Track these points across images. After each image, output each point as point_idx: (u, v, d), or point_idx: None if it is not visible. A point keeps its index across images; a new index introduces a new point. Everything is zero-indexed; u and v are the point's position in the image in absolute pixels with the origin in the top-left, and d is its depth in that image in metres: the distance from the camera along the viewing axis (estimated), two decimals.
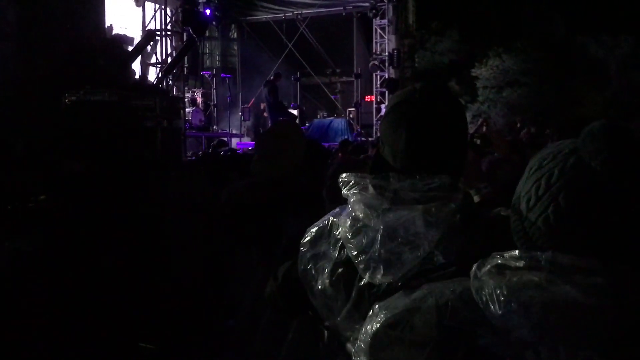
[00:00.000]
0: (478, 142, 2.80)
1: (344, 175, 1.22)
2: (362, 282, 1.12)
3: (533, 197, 0.96)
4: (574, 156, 0.94)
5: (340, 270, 1.18)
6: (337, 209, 1.29)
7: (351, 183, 1.20)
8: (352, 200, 1.18)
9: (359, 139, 13.31)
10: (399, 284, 1.05)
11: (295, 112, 15.39)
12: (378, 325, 0.96)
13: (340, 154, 6.45)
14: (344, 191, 1.20)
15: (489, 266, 0.92)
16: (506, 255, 0.92)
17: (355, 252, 1.12)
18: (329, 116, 16.21)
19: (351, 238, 1.14)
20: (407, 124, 1.18)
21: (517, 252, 0.92)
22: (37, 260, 2.71)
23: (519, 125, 9.68)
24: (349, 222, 1.16)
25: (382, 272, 1.06)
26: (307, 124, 15.37)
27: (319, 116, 16.35)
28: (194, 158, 9.49)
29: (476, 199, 1.21)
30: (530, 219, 0.96)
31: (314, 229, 1.31)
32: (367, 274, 1.09)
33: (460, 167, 1.25)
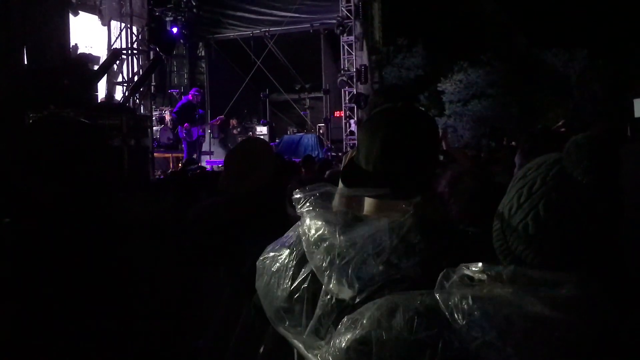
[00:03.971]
0: (441, 157, 2.82)
1: (296, 191, 1.22)
2: (327, 297, 1.11)
3: (515, 205, 0.97)
4: (557, 166, 0.96)
5: (304, 286, 1.17)
6: (299, 224, 1.28)
7: (302, 200, 1.20)
8: (309, 216, 1.18)
9: (329, 154, 13.34)
10: (365, 297, 1.04)
11: (265, 128, 15.40)
12: (347, 340, 0.95)
13: (303, 171, 6.39)
14: (298, 209, 1.21)
15: (455, 277, 0.92)
16: (472, 268, 0.93)
17: (320, 266, 1.11)
18: (299, 132, 16.27)
19: (315, 253, 1.13)
20: (385, 127, 1.19)
21: (480, 264, 0.92)
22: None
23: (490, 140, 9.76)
24: (312, 238, 1.15)
25: (346, 286, 1.05)
26: (277, 140, 15.37)
27: (289, 132, 16.40)
28: (162, 177, 9.37)
29: None
30: (511, 226, 0.97)
31: (275, 246, 1.29)
32: (332, 287, 1.08)
33: (429, 176, 1.25)
